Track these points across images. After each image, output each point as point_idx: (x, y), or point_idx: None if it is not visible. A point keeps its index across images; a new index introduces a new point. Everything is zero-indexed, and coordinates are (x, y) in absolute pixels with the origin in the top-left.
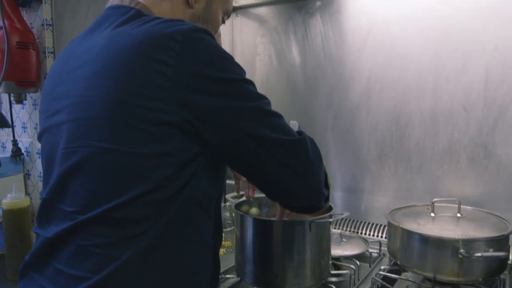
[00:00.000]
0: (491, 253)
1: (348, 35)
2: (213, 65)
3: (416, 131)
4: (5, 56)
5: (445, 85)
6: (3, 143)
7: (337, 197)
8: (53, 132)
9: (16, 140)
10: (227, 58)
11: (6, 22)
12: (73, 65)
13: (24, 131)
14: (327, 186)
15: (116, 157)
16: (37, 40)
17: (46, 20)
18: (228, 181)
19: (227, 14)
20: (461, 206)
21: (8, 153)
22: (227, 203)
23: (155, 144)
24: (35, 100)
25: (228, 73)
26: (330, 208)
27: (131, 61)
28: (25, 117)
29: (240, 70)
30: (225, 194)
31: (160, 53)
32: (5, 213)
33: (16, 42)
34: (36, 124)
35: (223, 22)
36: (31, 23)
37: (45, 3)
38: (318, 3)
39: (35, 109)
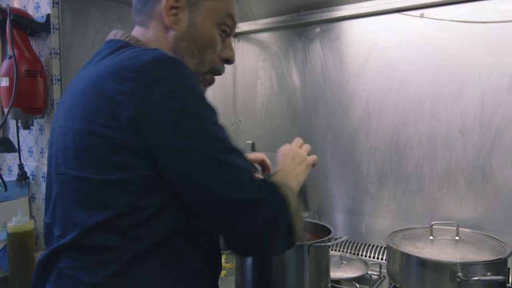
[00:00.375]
0: (489, 277)
1: (347, 60)
2: (171, 96)
3: (414, 154)
4: (14, 84)
5: (443, 109)
6: (9, 166)
7: (337, 219)
8: (51, 159)
9: (22, 164)
10: (190, 91)
11: (15, 51)
12: (67, 96)
13: (30, 155)
14: (291, 233)
15: (82, 184)
16: (44, 68)
17: (54, 49)
18: None
19: (226, 25)
20: (460, 229)
21: (14, 177)
22: None
23: (116, 172)
24: (41, 125)
25: (186, 106)
26: (329, 232)
27: (93, 93)
28: (31, 142)
29: (202, 105)
30: None
31: (118, 84)
32: (10, 236)
33: (24, 70)
34: (42, 148)
35: (227, 34)
36: (39, 52)
37: (53, 32)
38: (318, 30)
39: (41, 134)
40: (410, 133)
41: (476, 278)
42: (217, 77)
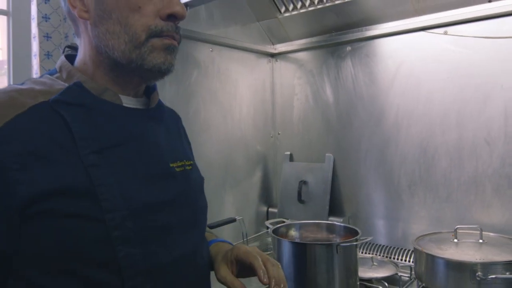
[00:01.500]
0: (506, 275)
1: (377, 76)
2: None
3: (442, 163)
4: None
5: (468, 120)
6: None
7: (371, 225)
8: None
9: None
10: None
11: None
12: None
13: None
14: None
15: None
16: None
17: None
18: (271, 209)
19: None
20: (485, 233)
21: None
22: (269, 229)
23: None
24: None
25: None
26: (357, 233)
27: None
28: None
29: None
30: (267, 219)
31: None
32: None
33: None
34: None
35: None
36: None
37: None
38: (349, 48)
39: None
40: (437, 143)
41: (494, 276)
42: (256, 94)
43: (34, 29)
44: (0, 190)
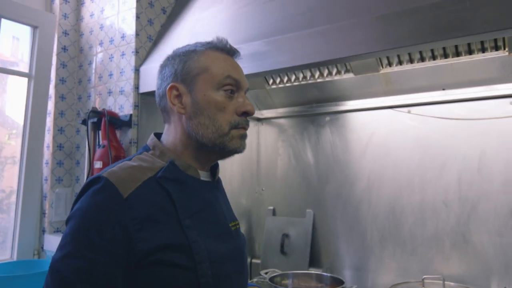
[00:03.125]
0: None
1: (352, 144)
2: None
3: (408, 221)
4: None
5: (429, 185)
6: None
7: (347, 275)
8: None
9: None
10: (76, 200)
11: (108, 141)
12: None
13: None
14: None
15: None
16: (126, 154)
17: (133, 139)
18: (254, 260)
19: (228, 85)
20: (447, 282)
21: None
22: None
23: None
24: None
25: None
26: (342, 282)
27: None
28: None
29: (76, 212)
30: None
31: None
32: None
33: (113, 156)
34: None
35: (233, 91)
36: (121, 141)
37: (133, 127)
38: (327, 118)
39: None
40: (404, 203)
41: None
42: (244, 153)
43: (51, 90)
44: (125, 246)
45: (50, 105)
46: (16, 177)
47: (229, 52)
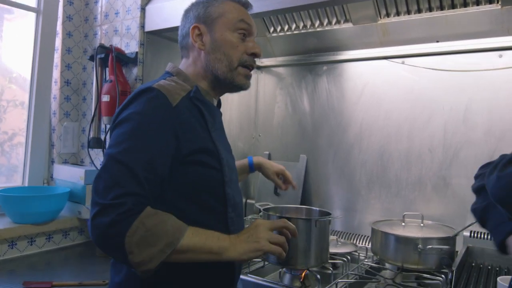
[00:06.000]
0: (439, 246)
1: (347, 92)
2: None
3: (395, 166)
4: (117, 100)
5: (416, 133)
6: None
7: (336, 215)
8: None
9: None
10: (126, 107)
11: (115, 77)
12: None
13: None
14: (125, 253)
15: None
16: (131, 89)
17: (138, 76)
18: (249, 200)
19: (241, 28)
20: (425, 221)
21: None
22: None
23: None
24: None
25: (120, 116)
26: (329, 213)
27: None
28: None
29: (132, 115)
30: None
31: None
32: None
33: (120, 90)
34: None
35: (246, 34)
36: (127, 77)
37: (138, 65)
38: (325, 68)
39: None
40: (392, 150)
41: (430, 247)
42: (242, 100)
43: (59, 27)
44: (175, 144)
45: (58, 42)
46: (18, 120)
47: (244, 4)
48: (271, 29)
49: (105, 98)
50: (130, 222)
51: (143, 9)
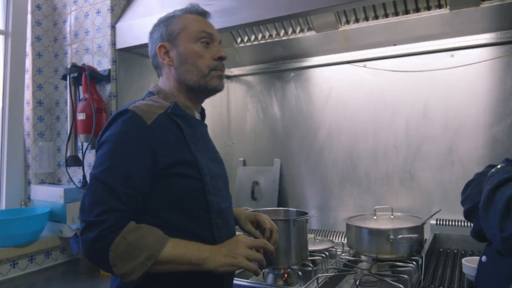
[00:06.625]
0: (408, 235)
1: (314, 97)
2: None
3: (364, 163)
4: (93, 118)
5: (381, 131)
6: (79, 179)
7: (312, 214)
8: None
9: (84, 175)
10: (106, 129)
11: (90, 95)
12: None
13: (89, 168)
14: (110, 265)
15: None
16: (106, 106)
17: (112, 92)
18: None
19: (202, 37)
20: (394, 213)
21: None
22: None
23: None
24: None
25: (102, 138)
26: (306, 213)
27: None
28: (91, 158)
29: (110, 137)
30: None
31: None
32: None
33: (95, 108)
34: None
35: (208, 42)
36: (101, 94)
37: (112, 82)
38: (292, 74)
39: None
40: (360, 148)
41: (401, 236)
42: (215, 109)
43: (28, 48)
44: (152, 160)
45: (28, 63)
46: None
47: (201, 13)
48: (239, 40)
49: (81, 116)
50: (113, 237)
51: (113, 27)
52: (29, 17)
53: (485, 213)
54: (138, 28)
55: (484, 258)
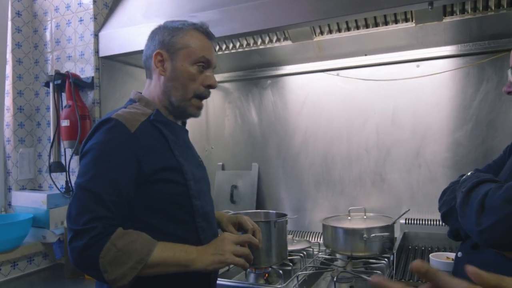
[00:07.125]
0: (380, 234)
1: (290, 103)
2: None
3: (338, 167)
4: (78, 124)
5: (354, 136)
6: (62, 184)
7: (292, 215)
8: None
9: (68, 181)
10: (89, 138)
11: (74, 102)
12: None
13: (73, 174)
14: (101, 271)
15: None
16: (89, 113)
17: (96, 99)
18: None
19: (200, 62)
20: (367, 213)
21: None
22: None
23: None
24: None
25: (85, 147)
26: (285, 215)
27: None
28: (75, 164)
29: (94, 145)
30: None
31: None
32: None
33: (80, 114)
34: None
35: (204, 67)
36: (85, 101)
37: (95, 89)
38: (269, 81)
39: None
40: (334, 152)
41: (374, 235)
42: None
43: (8, 55)
44: (136, 167)
45: (8, 69)
46: None
47: (208, 35)
48: (217, 48)
49: (65, 123)
50: (102, 244)
51: (96, 35)
52: (9, 23)
53: (462, 212)
54: (121, 37)
55: (459, 253)
